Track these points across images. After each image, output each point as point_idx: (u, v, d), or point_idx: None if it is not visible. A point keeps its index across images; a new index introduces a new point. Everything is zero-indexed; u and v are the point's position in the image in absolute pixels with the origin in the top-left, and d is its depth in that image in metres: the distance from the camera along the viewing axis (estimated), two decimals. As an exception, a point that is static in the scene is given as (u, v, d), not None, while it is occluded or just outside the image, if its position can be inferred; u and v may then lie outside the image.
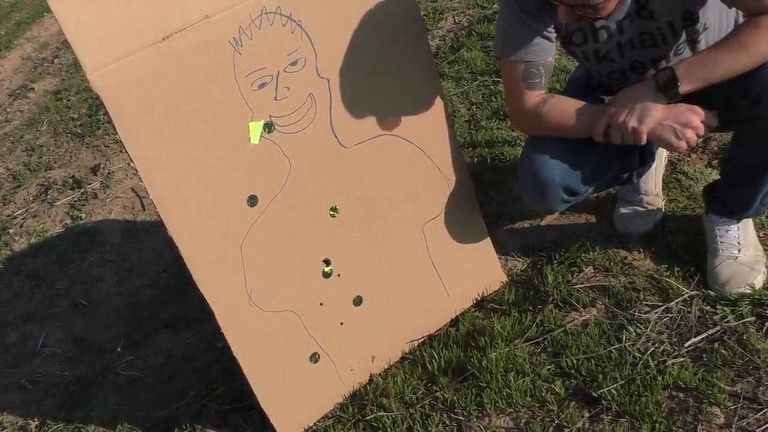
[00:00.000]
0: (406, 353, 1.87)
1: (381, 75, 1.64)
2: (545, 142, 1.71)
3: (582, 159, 1.71)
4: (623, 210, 2.07)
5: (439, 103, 1.77)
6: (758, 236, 1.88)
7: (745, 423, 1.50)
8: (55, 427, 1.97)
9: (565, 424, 1.59)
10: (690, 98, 1.52)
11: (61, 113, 4.05)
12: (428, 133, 1.76)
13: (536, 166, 1.71)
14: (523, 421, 1.62)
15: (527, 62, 1.66)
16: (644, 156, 1.90)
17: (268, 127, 1.52)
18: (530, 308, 1.87)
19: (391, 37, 1.64)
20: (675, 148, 1.56)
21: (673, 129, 1.54)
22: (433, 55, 3.01)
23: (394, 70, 1.66)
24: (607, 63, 1.71)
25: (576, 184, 1.73)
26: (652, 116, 1.54)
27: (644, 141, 1.56)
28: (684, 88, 1.49)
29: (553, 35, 1.67)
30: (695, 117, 1.53)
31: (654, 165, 2.05)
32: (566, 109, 1.67)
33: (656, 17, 1.58)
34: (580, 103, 1.67)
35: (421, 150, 1.76)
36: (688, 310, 1.76)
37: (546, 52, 1.67)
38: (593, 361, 1.69)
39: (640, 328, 1.74)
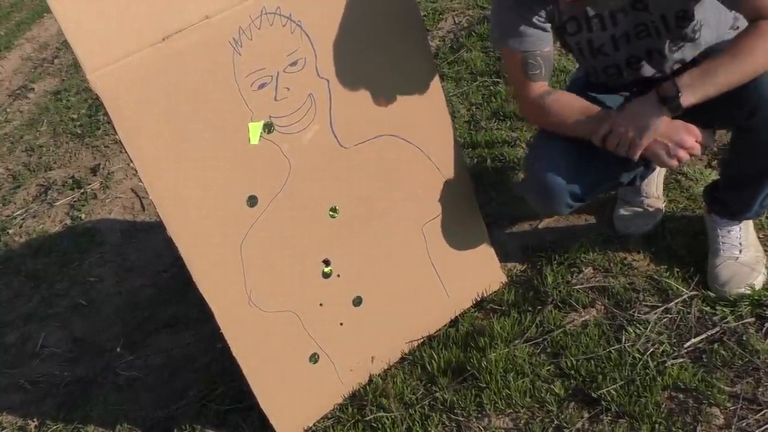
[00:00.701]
0: (405, 354, 1.87)
1: (381, 75, 1.64)
2: (551, 146, 1.71)
3: (588, 164, 1.70)
4: (623, 211, 2.07)
5: (438, 103, 1.77)
6: (758, 237, 1.88)
7: (744, 424, 1.50)
8: (55, 427, 1.97)
9: (565, 424, 1.59)
10: (687, 111, 1.52)
11: (60, 113, 4.05)
12: (428, 133, 1.76)
13: (542, 171, 1.70)
14: (522, 421, 1.62)
15: (524, 53, 1.65)
16: (648, 161, 1.90)
17: (268, 127, 1.52)
18: (530, 309, 1.87)
19: (391, 37, 1.64)
20: (666, 165, 1.57)
21: (666, 147, 1.53)
22: (433, 56, 3.01)
23: (393, 71, 1.66)
24: (602, 57, 1.71)
25: (582, 189, 1.72)
26: (652, 130, 1.53)
27: (638, 155, 1.56)
28: (686, 99, 1.48)
29: (547, 25, 1.66)
30: (689, 137, 1.52)
31: (657, 168, 2.05)
32: (570, 104, 1.67)
33: (650, 10, 1.59)
34: (585, 102, 1.67)
35: (421, 150, 1.76)
36: (688, 310, 1.76)
37: (541, 41, 1.66)
38: (593, 362, 1.69)
39: (640, 329, 1.74)
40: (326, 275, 1.70)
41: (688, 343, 1.68)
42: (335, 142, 1.62)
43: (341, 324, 1.75)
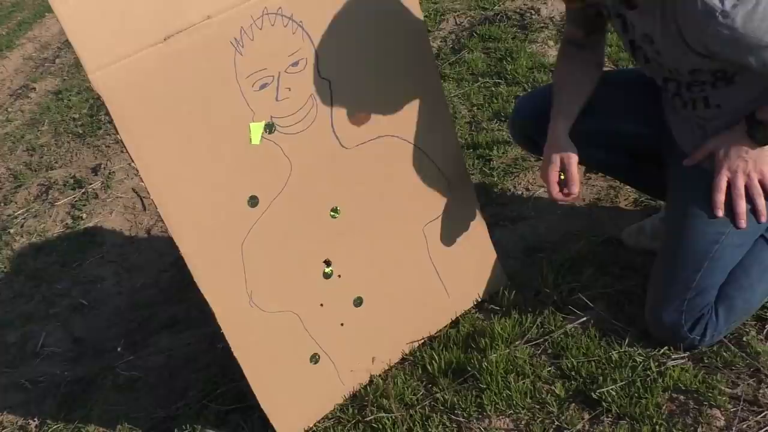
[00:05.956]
0: (406, 354, 1.87)
1: (382, 76, 1.64)
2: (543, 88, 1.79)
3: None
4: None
5: (440, 104, 1.77)
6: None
7: (745, 426, 1.50)
8: (55, 427, 1.97)
9: (566, 425, 1.59)
10: None
11: (62, 113, 4.05)
12: (429, 134, 1.76)
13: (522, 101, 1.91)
14: (523, 422, 1.62)
15: None
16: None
17: (269, 127, 1.52)
18: (530, 309, 1.87)
19: (393, 38, 1.64)
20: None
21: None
22: (435, 57, 3.01)
23: (395, 71, 1.66)
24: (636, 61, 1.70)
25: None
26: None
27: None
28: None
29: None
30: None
31: None
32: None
33: (660, 62, 1.58)
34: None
35: (422, 151, 1.76)
36: (689, 312, 1.75)
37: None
38: (593, 363, 1.69)
39: (641, 330, 1.74)
40: (327, 276, 1.70)
41: (689, 345, 1.68)
42: (336, 142, 1.62)
43: (342, 324, 1.75)
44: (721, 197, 1.56)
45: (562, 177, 1.65)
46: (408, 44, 1.67)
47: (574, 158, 1.64)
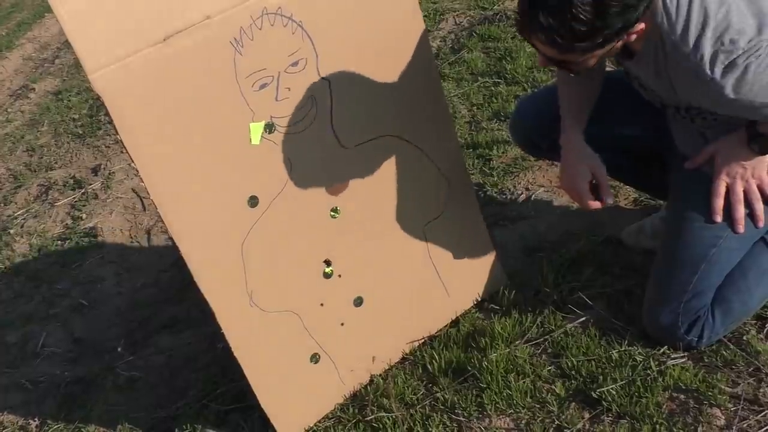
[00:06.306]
0: (406, 354, 1.87)
1: (382, 76, 1.64)
2: (546, 89, 1.76)
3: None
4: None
5: (439, 104, 1.77)
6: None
7: (745, 425, 1.50)
8: (55, 427, 1.97)
9: (566, 425, 1.59)
10: None
11: (61, 113, 4.06)
12: (429, 134, 1.76)
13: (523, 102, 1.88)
14: (523, 422, 1.62)
15: None
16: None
17: (269, 127, 1.52)
18: (530, 309, 1.87)
19: (392, 38, 1.64)
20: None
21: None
22: (434, 56, 3.01)
23: (394, 72, 1.66)
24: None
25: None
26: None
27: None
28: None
29: None
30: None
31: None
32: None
33: (658, 95, 1.59)
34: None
35: (422, 151, 1.76)
36: (689, 311, 1.75)
37: None
38: (593, 362, 1.69)
39: (641, 329, 1.74)
40: (327, 275, 1.70)
41: (689, 344, 1.68)
42: (336, 142, 1.62)
43: (342, 324, 1.75)
44: (719, 202, 1.57)
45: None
46: (407, 44, 1.67)
47: (603, 167, 1.64)
